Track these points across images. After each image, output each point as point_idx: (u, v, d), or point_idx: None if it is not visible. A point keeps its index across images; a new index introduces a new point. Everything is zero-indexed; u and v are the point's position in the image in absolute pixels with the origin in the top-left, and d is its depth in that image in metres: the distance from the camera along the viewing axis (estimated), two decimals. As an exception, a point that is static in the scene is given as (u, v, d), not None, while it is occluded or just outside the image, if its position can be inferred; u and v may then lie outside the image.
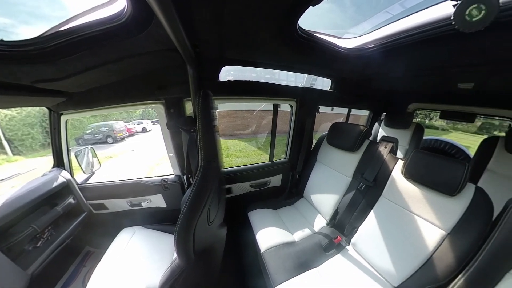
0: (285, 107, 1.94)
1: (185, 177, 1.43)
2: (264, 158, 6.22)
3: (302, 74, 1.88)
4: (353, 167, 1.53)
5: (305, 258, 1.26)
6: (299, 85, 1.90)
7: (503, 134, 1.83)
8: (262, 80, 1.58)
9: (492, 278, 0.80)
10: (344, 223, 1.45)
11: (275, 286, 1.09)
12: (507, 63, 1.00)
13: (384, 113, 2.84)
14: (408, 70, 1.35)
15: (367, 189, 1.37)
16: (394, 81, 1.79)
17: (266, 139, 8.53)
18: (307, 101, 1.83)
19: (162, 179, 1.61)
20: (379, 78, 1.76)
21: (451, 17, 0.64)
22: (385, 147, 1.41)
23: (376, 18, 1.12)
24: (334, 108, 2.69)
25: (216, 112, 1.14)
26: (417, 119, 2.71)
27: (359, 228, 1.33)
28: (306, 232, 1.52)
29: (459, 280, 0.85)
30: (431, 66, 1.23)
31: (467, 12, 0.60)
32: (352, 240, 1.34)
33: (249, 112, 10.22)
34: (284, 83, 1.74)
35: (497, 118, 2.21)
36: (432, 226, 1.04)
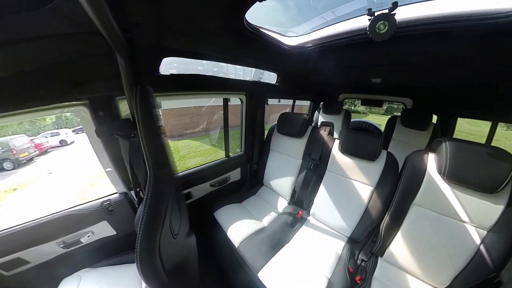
0: (235, 101, 1.93)
1: (133, 192, 1.18)
2: (220, 154, 6.05)
3: (249, 68, 1.90)
4: (301, 151, 1.73)
5: (276, 239, 1.37)
6: (248, 78, 1.92)
7: (399, 114, 2.54)
8: (210, 74, 1.49)
9: (403, 210, 1.20)
10: (302, 199, 1.68)
11: (257, 273, 1.14)
12: (399, 65, 1.38)
13: (322, 103, 3.33)
14: (338, 67, 1.63)
15: (315, 166, 1.60)
16: (328, 76, 2.11)
17: (220, 135, 8.21)
18: (256, 94, 1.88)
19: (103, 201, 1.29)
20: (317, 73, 2.00)
21: (367, 28, 0.83)
22: (325, 131, 1.68)
23: (314, 21, 1.28)
24: (281, 100, 2.89)
25: (160, 111, 0.98)
26: (346, 106, 3.33)
27: (314, 200, 1.59)
28: (272, 215, 1.64)
29: (386, 218, 1.24)
30: (354, 64, 1.55)
31: (377, 26, 0.79)
32: (311, 211, 1.61)
33: (198, 109, 9.47)
34: (232, 76, 1.72)
35: (395, 103, 3.20)
36: (364, 185, 1.39)
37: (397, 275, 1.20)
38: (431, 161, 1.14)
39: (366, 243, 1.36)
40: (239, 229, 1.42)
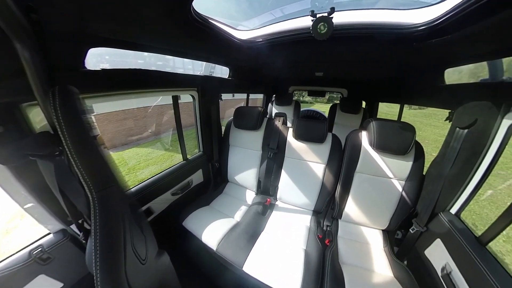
0: (186, 98, 1.80)
1: (74, 226, 0.95)
2: (177, 158, 5.58)
3: (200, 62, 1.77)
4: (260, 142, 1.79)
5: (252, 230, 1.39)
6: (198, 73, 1.81)
7: (338, 101, 3.08)
8: (154, 68, 1.32)
9: (350, 178, 1.46)
10: (267, 187, 1.77)
11: (242, 268, 1.14)
12: (337, 61, 1.59)
13: (274, 95, 3.50)
14: (286, 61, 1.73)
15: (275, 155, 1.70)
16: (278, 70, 2.20)
17: (173, 137, 7.38)
18: (208, 89, 1.80)
19: (32, 250, 0.93)
20: (268, 67, 2.06)
21: (310, 28, 0.92)
22: (279, 121, 1.80)
23: (264, 17, 1.31)
24: (235, 94, 2.90)
25: (93, 117, 0.75)
26: (295, 98, 3.64)
27: (279, 185, 1.71)
28: (243, 209, 1.65)
29: (338, 187, 1.51)
30: (300, 60, 1.67)
31: (318, 26, 0.89)
32: (278, 196, 1.73)
33: (144, 110, 8.23)
34: (181, 71, 1.54)
35: (335, 93, 3.72)
36: (317, 164, 1.59)
37: (354, 229, 1.51)
38: (364, 137, 1.44)
39: (327, 211, 1.65)
40: (213, 231, 1.36)
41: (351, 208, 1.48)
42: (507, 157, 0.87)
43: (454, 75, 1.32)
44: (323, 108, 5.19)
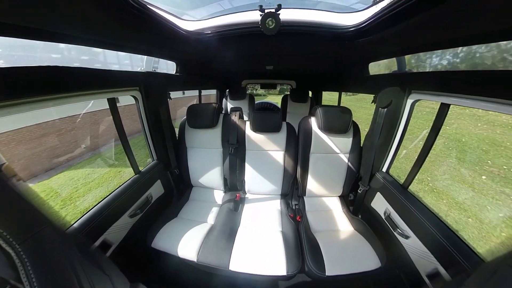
0: (126, 100, 1.53)
1: None
2: (127, 173, 4.84)
3: (140, 56, 1.52)
4: (219, 139, 1.74)
5: (228, 229, 1.37)
6: (139, 69, 1.55)
7: (288, 93, 3.34)
8: (77, 65, 1.01)
9: (306, 159, 1.66)
10: (235, 183, 1.76)
11: (229, 268, 1.13)
12: (285, 55, 1.67)
13: (227, 90, 3.46)
14: (238, 55, 1.71)
15: (236, 150, 1.69)
16: (230, 64, 2.14)
17: (117, 149, 6.04)
18: (153, 88, 1.57)
19: None
20: (219, 61, 1.96)
21: (259, 22, 0.94)
22: (235, 116, 1.79)
23: (212, 7, 1.24)
24: (185, 91, 2.71)
25: None
26: (249, 91, 3.71)
27: (245, 178, 1.73)
28: (214, 211, 1.60)
29: (298, 169, 1.68)
30: (251, 53, 1.64)
31: (267, 22, 0.92)
32: (246, 189, 1.76)
33: (70, 120, 6.05)
34: (116, 67, 1.25)
35: (285, 85, 3.98)
36: (277, 152, 1.69)
37: (317, 201, 1.73)
38: (313, 122, 1.66)
39: (293, 192, 1.80)
40: (189, 243, 1.26)
41: (312, 185, 1.69)
42: (411, 125, 1.25)
43: (375, 68, 1.68)
44: (276, 99, 5.48)
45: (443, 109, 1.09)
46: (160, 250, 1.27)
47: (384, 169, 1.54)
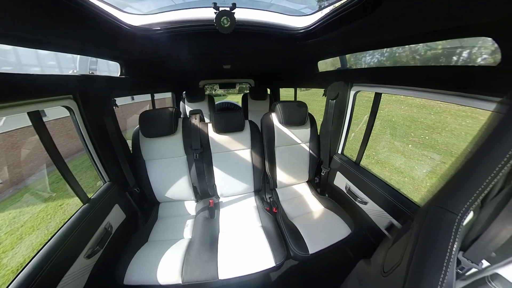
0: (57, 112, 1.22)
1: None
2: (73, 204, 3.89)
3: (70, 56, 1.19)
4: (181, 146, 1.61)
5: (209, 238, 1.30)
6: (70, 72, 1.24)
7: (248, 91, 3.41)
8: None
9: (272, 153, 1.73)
10: (205, 189, 1.68)
11: (218, 279, 1.08)
12: (242, 54, 1.68)
13: (184, 92, 3.26)
14: (193, 54, 1.60)
15: (201, 155, 1.60)
16: (184, 63, 1.99)
17: (53, 177, 4.43)
18: (93, 94, 1.30)
19: None
20: (172, 60, 1.80)
21: (213, 20, 0.91)
22: (196, 119, 1.69)
23: (161, 1, 1.12)
24: (135, 97, 2.38)
25: None
26: (207, 92, 3.58)
27: (215, 183, 1.67)
28: (189, 223, 1.48)
29: (266, 163, 1.72)
30: (208, 52, 1.57)
31: (222, 20, 0.90)
32: (219, 193, 1.70)
33: None
34: (36, 71, 0.89)
35: (244, 83, 3.92)
36: (244, 151, 1.69)
37: (289, 190, 1.83)
38: (274, 118, 1.74)
39: (265, 186, 1.83)
40: (168, 266, 1.13)
41: (281, 176, 1.77)
42: (356, 112, 1.56)
43: (323, 65, 1.91)
44: (236, 98, 5.47)
45: (377, 98, 1.36)
46: (136, 285, 1.10)
47: (340, 151, 1.77)
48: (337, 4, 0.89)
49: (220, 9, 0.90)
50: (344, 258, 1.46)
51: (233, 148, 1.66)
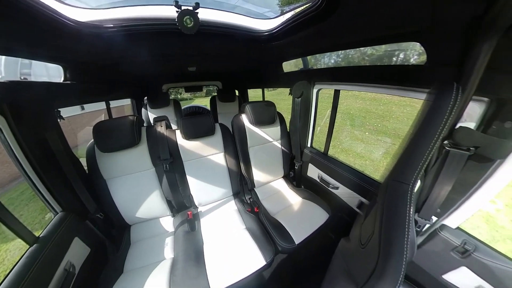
0: None
1: None
2: (16, 249, 2.95)
3: None
4: (147, 158, 1.45)
5: (193, 252, 1.22)
6: None
7: (216, 94, 3.35)
8: None
9: (247, 154, 1.74)
10: (181, 201, 1.57)
11: None
12: (208, 56, 1.62)
13: (146, 97, 3.01)
14: (153, 55, 1.47)
15: (171, 165, 1.48)
16: (144, 65, 1.81)
17: None
18: (28, 106, 1.05)
19: None
20: (129, 62, 1.61)
21: (175, 20, 0.85)
22: (161, 126, 1.55)
23: None
24: (86, 105, 2.04)
25: None
26: (172, 96, 3.38)
27: (191, 192, 1.58)
28: (169, 242, 1.36)
29: (241, 165, 1.70)
30: (171, 53, 1.47)
31: (184, 20, 0.86)
32: (196, 203, 1.62)
33: None
34: None
35: (211, 86, 3.86)
36: (217, 155, 1.65)
37: (267, 188, 1.86)
38: (245, 119, 1.76)
39: (243, 188, 1.83)
40: None
41: (258, 175, 1.79)
42: (320, 108, 1.74)
43: (288, 66, 2.00)
44: (204, 102, 5.32)
45: (337, 94, 1.55)
46: None
47: (309, 145, 1.91)
48: (297, 10, 0.96)
49: (183, 8, 0.85)
50: (327, 240, 1.56)
51: (205, 153, 1.60)
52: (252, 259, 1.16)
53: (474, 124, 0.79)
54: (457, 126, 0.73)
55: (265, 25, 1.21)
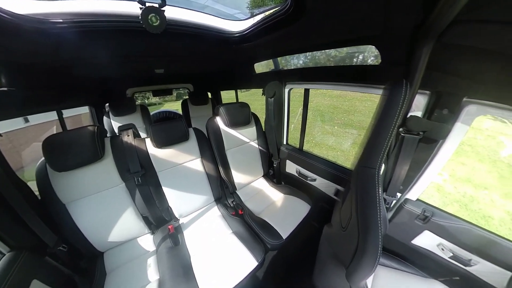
0: None
1: None
2: None
3: None
4: (115, 173, 1.29)
5: (181, 269, 1.15)
6: None
7: (187, 97, 3.22)
8: None
9: (224, 156, 1.71)
10: (159, 216, 1.44)
11: None
12: (177, 57, 1.52)
13: (107, 104, 2.72)
14: (115, 56, 1.32)
15: (144, 177, 1.35)
16: (104, 68, 1.60)
17: None
18: None
19: None
20: (85, 64, 1.41)
21: (139, 17, 0.77)
22: (128, 135, 1.40)
23: None
24: (31, 117, 1.70)
25: None
26: (139, 101, 3.11)
27: (169, 204, 1.47)
28: (152, 262, 1.25)
29: (220, 169, 1.67)
30: (135, 54, 1.35)
31: (149, 17, 0.79)
32: (177, 216, 1.51)
33: None
34: None
35: (181, 89, 3.63)
36: (194, 161, 1.58)
37: (249, 189, 1.86)
38: (219, 121, 1.73)
39: (225, 192, 1.81)
40: None
41: (238, 177, 1.78)
42: (293, 106, 1.86)
43: (260, 67, 2.03)
44: (175, 106, 5.09)
45: (307, 93, 1.65)
46: None
47: (285, 142, 1.98)
48: (267, 13, 1.00)
49: (147, 4, 0.78)
50: (312, 230, 1.62)
51: (181, 161, 1.51)
52: (244, 262, 1.15)
53: (421, 113, 0.95)
54: (408, 115, 0.87)
55: (235, 27, 1.21)
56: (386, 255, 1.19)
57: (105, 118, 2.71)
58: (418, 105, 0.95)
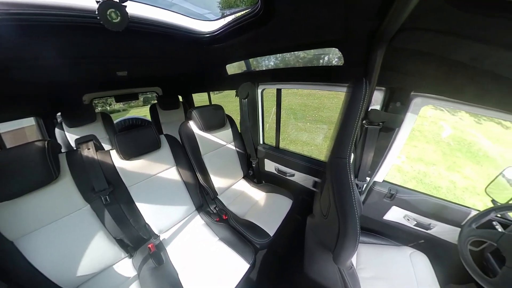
0: None
1: None
2: None
3: None
4: (76, 194, 1.11)
5: (169, 287, 1.08)
6: None
7: (156, 101, 2.99)
8: None
9: (201, 162, 1.66)
10: (136, 235, 1.31)
11: None
12: (143, 58, 1.43)
13: (58, 113, 2.34)
14: (67, 57, 1.13)
15: (112, 195, 1.20)
16: (53, 71, 1.36)
17: None
18: None
19: None
20: (27, 67, 1.18)
21: (96, 12, 0.67)
22: (89, 148, 1.21)
23: None
24: None
25: None
26: (99, 109, 2.77)
27: (146, 222, 1.33)
28: (134, 287, 1.13)
29: (198, 175, 1.60)
30: (92, 55, 1.19)
31: (108, 13, 0.69)
32: (156, 232, 1.37)
33: None
34: None
35: (148, 93, 3.36)
36: (168, 171, 1.47)
37: (230, 192, 1.82)
38: (193, 125, 1.66)
39: (206, 199, 1.73)
40: None
41: (218, 182, 1.73)
42: (266, 106, 1.94)
43: (232, 68, 1.99)
44: (142, 112, 4.71)
45: (279, 93, 1.72)
46: None
47: (261, 142, 2.01)
48: (238, 14, 1.01)
49: None
50: (297, 223, 1.66)
51: (154, 172, 1.39)
52: (235, 266, 1.14)
53: (379, 106, 1.11)
54: (369, 109, 1.02)
55: (206, 27, 1.18)
56: (364, 233, 1.33)
57: (57, 130, 2.26)
58: (377, 100, 1.10)
